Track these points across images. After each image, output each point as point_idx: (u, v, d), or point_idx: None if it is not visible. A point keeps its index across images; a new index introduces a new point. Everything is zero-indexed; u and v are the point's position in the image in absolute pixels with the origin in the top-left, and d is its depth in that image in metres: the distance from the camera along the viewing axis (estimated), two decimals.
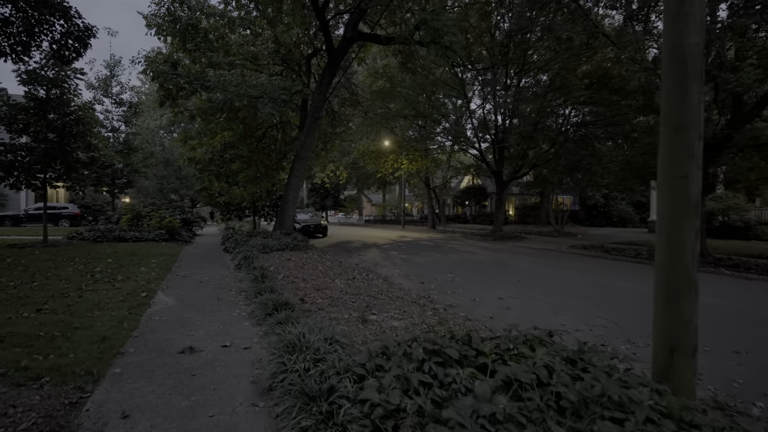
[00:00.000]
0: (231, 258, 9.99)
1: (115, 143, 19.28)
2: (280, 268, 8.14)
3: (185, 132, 14.50)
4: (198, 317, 4.96)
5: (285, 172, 18.28)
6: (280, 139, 16.62)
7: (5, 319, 4.42)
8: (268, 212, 21.57)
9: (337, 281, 6.85)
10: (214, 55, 12.44)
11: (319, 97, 13.67)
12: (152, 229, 13.82)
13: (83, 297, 5.50)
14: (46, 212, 11.66)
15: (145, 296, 5.76)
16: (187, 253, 11.24)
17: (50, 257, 8.79)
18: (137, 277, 7.07)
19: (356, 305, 5.41)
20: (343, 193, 55.24)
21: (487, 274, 9.37)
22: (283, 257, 9.62)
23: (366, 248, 14.91)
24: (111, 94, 19.27)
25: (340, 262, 9.54)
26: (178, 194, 32.03)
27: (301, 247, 11.29)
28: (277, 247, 10.80)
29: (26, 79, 10.70)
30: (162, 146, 29.35)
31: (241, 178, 15.68)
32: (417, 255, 12.79)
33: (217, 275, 7.82)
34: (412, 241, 18.62)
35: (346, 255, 12.38)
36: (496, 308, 6.17)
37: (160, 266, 8.35)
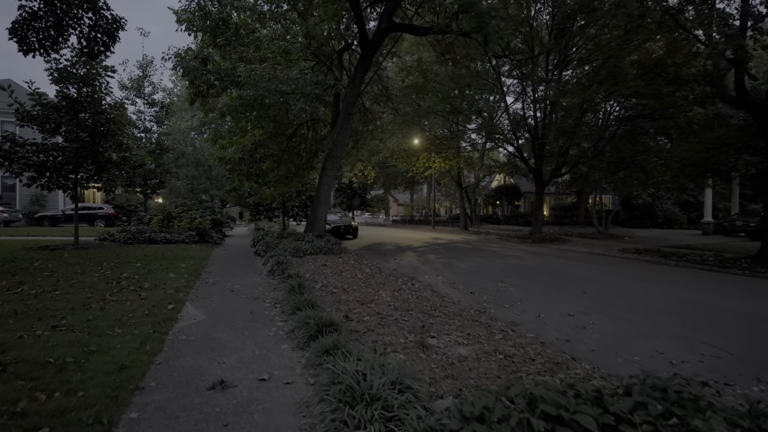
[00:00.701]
0: (263, 262, 9.41)
1: (147, 144, 19.28)
2: (317, 275, 7.46)
3: (215, 131, 14.15)
4: (230, 336, 4.30)
5: (315, 172, 17.75)
6: (311, 137, 16.06)
7: (16, 338, 3.88)
8: (297, 213, 21.14)
9: (382, 292, 6.09)
10: (244, 50, 11.96)
11: (352, 92, 12.98)
12: (182, 230, 13.52)
13: (105, 309, 4.96)
14: (77, 213, 11.47)
15: (172, 309, 5.18)
16: (218, 256, 10.78)
17: (78, 261, 8.44)
18: (165, 284, 6.53)
19: (410, 325, 4.62)
20: (370, 192, 54.70)
21: (542, 282, 8.41)
22: (317, 262, 8.96)
23: (401, 251, 14.13)
24: (143, 95, 19.28)
25: (380, 268, 8.78)
26: (208, 194, 32.27)
27: (336, 251, 10.62)
28: (310, 250, 10.17)
29: (58, 77, 10.51)
30: (193, 147, 29.53)
31: (271, 177, 15.22)
32: (457, 259, 11.90)
33: (249, 282, 7.22)
34: (447, 243, 17.70)
35: (381, 259, 11.64)
36: (569, 328, 5.26)
37: (190, 272, 7.83)
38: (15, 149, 10.07)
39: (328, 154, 13.51)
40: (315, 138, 16.26)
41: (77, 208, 11.43)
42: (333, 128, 13.88)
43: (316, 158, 17.23)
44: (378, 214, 56.72)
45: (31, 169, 10.27)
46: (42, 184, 10.42)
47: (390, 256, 12.44)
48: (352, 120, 13.94)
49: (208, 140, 14.07)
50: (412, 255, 12.96)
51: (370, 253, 13.27)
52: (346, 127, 13.42)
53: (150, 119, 19.76)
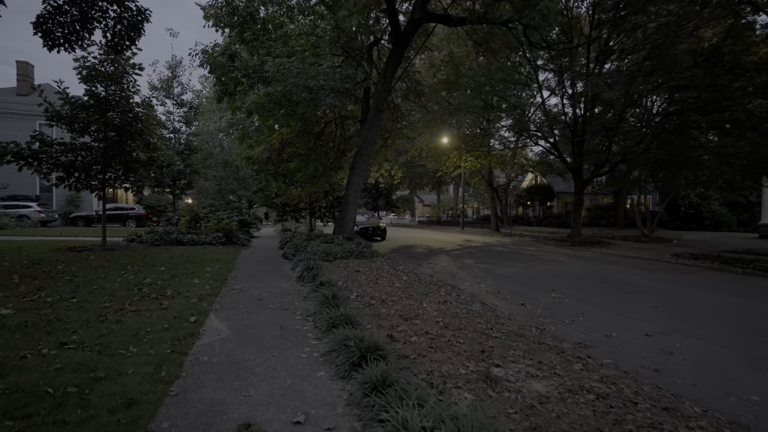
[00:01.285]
0: (291, 266, 8.87)
1: (176, 144, 19.26)
2: (350, 283, 6.83)
3: (243, 130, 13.80)
4: (257, 358, 3.70)
5: (343, 172, 17.22)
6: (339, 135, 15.52)
7: (18, 359, 3.39)
8: (324, 213, 20.69)
9: (426, 305, 5.38)
10: (272, 45, 11.52)
11: (382, 87, 12.34)
12: (209, 231, 13.22)
13: (122, 322, 4.46)
14: (105, 214, 11.29)
15: (194, 321, 4.64)
16: (244, 259, 10.34)
17: (102, 264, 8.12)
18: (188, 291, 6.04)
19: (467, 348, 3.90)
20: (395, 193, 53.97)
21: (599, 293, 7.49)
22: (349, 268, 8.34)
23: (434, 255, 13.37)
24: (172, 95, 19.29)
25: (418, 275, 8.07)
26: (236, 195, 32.41)
27: (367, 255, 9.98)
28: (340, 254, 9.58)
29: (86, 75, 10.32)
30: (221, 147, 29.65)
31: (298, 177, 14.77)
32: (496, 264, 11.05)
33: (277, 289, 6.66)
34: (481, 246, 16.80)
35: (414, 263, 10.93)
36: (652, 352, 4.42)
37: (215, 277, 7.35)
38: (44, 149, 9.93)
39: (358, 152, 12.91)
40: (343, 136, 15.71)
41: (105, 208, 11.25)
42: (362, 125, 13.27)
43: (343, 157, 16.69)
44: (403, 215, 55.95)
45: (60, 169, 10.11)
46: (70, 184, 10.25)
47: (423, 261, 11.71)
48: (382, 117, 13.30)
49: (236, 139, 13.74)
50: (447, 259, 12.18)
51: (401, 256, 12.58)
52: (376, 124, 12.78)
53: (179, 120, 19.75)
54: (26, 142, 9.71)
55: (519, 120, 19.48)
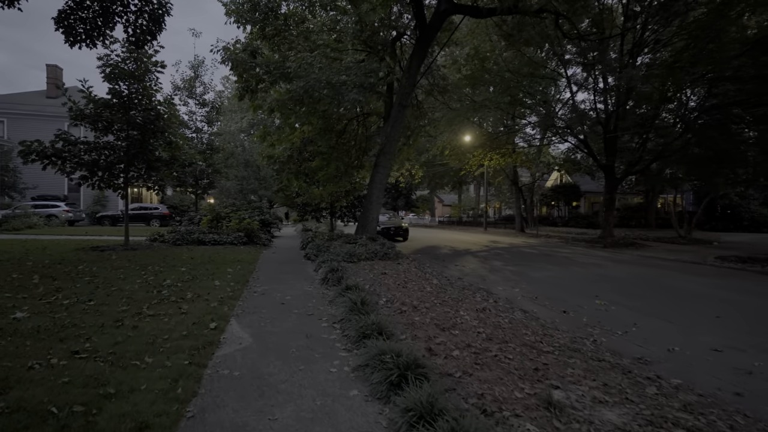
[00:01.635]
0: (314, 268, 8.53)
1: (198, 144, 19.29)
2: (377, 286, 6.43)
3: (264, 128, 13.59)
4: (282, 372, 3.33)
5: (364, 171, 16.86)
6: (361, 133, 15.16)
7: (25, 370, 3.11)
8: (344, 213, 20.39)
9: (463, 313, 4.92)
10: (294, 40, 11.25)
11: (407, 82, 11.90)
12: (231, 231, 13.06)
13: (138, 328, 4.17)
14: (128, 213, 11.22)
15: (214, 328, 4.32)
16: (266, 259, 10.07)
17: (123, 264, 7.96)
18: (209, 294, 5.75)
19: (517, 365, 3.43)
20: (415, 193, 53.35)
21: (647, 300, 6.87)
22: (375, 270, 7.94)
23: (459, 256, 12.85)
24: (195, 95, 19.33)
25: (448, 279, 7.59)
26: (257, 195, 32.52)
27: (392, 256, 9.56)
28: (365, 255, 9.19)
29: (109, 73, 10.26)
30: (242, 147, 29.76)
31: (320, 176, 14.49)
32: (528, 267, 10.46)
33: (301, 292, 6.31)
34: (508, 247, 16.16)
35: (440, 265, 10.45)
36: (726, 371, 3.87)
37: (237, 278, 7.07)
38: (67, 147, 9.90)
39: (381, 149, 12.51)
40: (365, 134, 15.35)
41: (128, 208, 11.18)
42: (386, 122, 12.87)
43: (365, 156, 16.32)
44: (423, 215, 55.33)
45: (83, 168, 10.07)
46: (93, 183, 10.20)
47: (449, 262, 11.21)
48: (406, 113, 12.86)
49: (257, 137, 13.53)
50: (474, 261, 11.65)
51: (426, 257, 12.12)
52: (400, 121, 12.36)
53: (201, 120, 19.80)
54: (50, 141, 9.70)
55: (547, 116, 18.72)
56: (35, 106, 26.67)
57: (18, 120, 25.72)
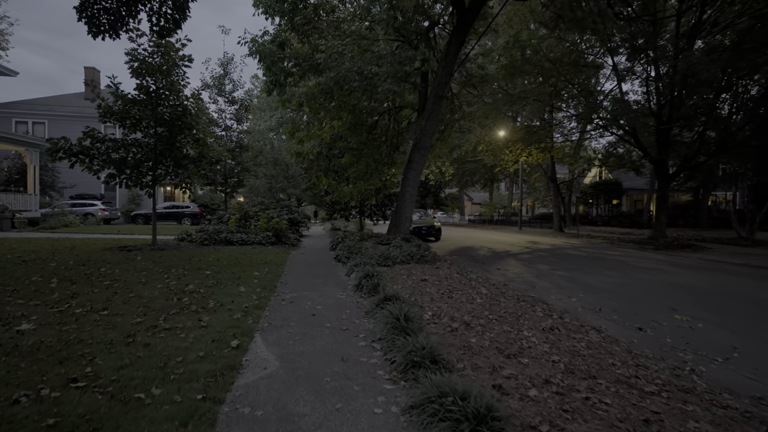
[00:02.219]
0: (346, 272, 7.89)
1: (227, 142, 19.12)
2: (419, 295, 5.69)
3: (293, 122, 13.08)
4: (316, 413, 2.66)
5: (395, 167, 16.14)
6: (392, 128, 14.42)
7: (9, 404, 2.57)
8: (374, 212, 19.74)
9: (527, 332, 4.12)
10: (325, 29, 10.66)
11: (443, 72, 11.08)
12: (259, 230, 12.66)
13: (150, 347, 3.61)
14: (155, 213, 10.97)
15: (236, 347, 3.71)
16: (295, 261, 9.53)
17: (147, 266, 7.57)
18: (233, 303, 5.19)
19: (620, 414, 2.62)
20: (444, 191, 52.14)
21: (739, 316, 5.83)
22: (413, 275, 7.21)
23: (499, 258, 11.92)
24: (224, 93, 19.16)
25: (498, 287, 6.75)
26: (285, 193, 32.45)
27: (429, 259, 8.79)
28: (400, 258, 8.47)
29: (137, 68, 9.98)
30: (271, 145, 29.67)
31: (350, 173, 13.88)
32: (580, 272, 9.44)
33: (332, 301, 5.66)
34: (551, 248, 15.05)
35: (481, 268, 9.60)
36: None
37: (264, 283, 6.50)
38: (95, 145, 9.68)
39: (415, 144, 11.75)
40: (396, 129, 14.61)
41: (155, 207, 10.92)
42: (420, 115, 12.09)
43: (396, 152, 15.59)
44: (452, 213, 54.07)
45: (111, 166, 9.83)
46: (120, 181, 9.95)
47: (490, 265, 10.33)
48: (442, 105, 12.03)
49: (286, 133, 13.06)
50: (518, 264, 10.71)
51: (464, 260, 11.28)
52: (436, 113, 11.55)
53: (230, 117, 19.62)
54: (78, 138, 9.50)
55: (591, 107, 17.40)
56: (74, 108, 27.45)
57: (58, 122, 26.52)
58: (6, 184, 19.98)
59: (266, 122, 33.74)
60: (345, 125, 13.05)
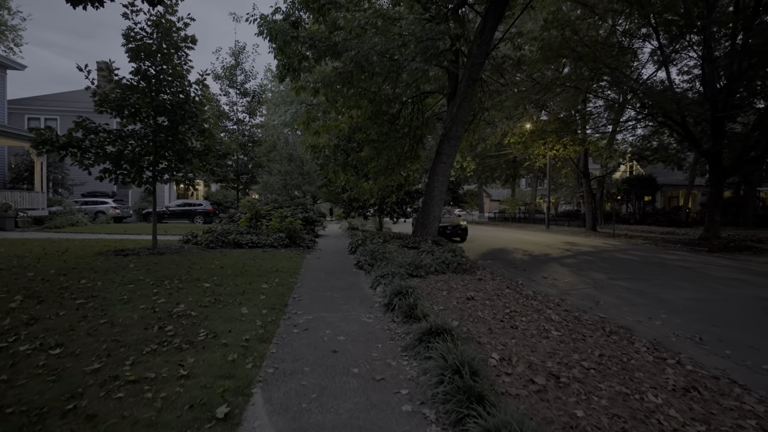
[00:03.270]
0: (370, 283, 6.64)
1: (239, 136, 18.08)
2: (470, 322, 4.39)
3: (308, 112, 11.82)
4: None
5: (418, 162, 14.79)
6: (416, 119, 13.04)
7: None
8: (393, 210, 18.44)
9: (654, 396, 2.77)
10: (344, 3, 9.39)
11: (478, 50, 9.70)
12: (271, 231, 11.52)
13: (96, 419, 2.41)
14: (155, 212, 9.91)
15: (223, 417, 2.49)
16: (310, 267, 8.32)
17: (137, 277, 6.45)
18: (230, 334, 3.99)
19: None
20: (463, 187, 50.33)
21: None
22: (454, 291, 5.91)
23: (540, 263, 10.50)
24: (236, 84, 18.08)
25: (569, 310, 5.35)
26: (300, 190, 31.41)
27: (467, 267, 7.45)
28: (433, 266, 7.15)
29: (134, 50, 8.90)
30: (285, 141, 28.60)
31: (370, 168, 12.60)
32: (645, 282, 7.97)
33: (358, 327, 4.42)
34: (593, 250, 13.50)
35: (525, 277, 8.23)
36: None
37: (272, 301, 5.30)
38: (89, 137, 8.64)
39: (445, 134, 10.40)
40: (421, 120, 13.24)
41: (155, 205, 9.86)
42: (450, 101, 10.72)
43: (419, 145, 14.23)
44: (472, 211, 52.33)
45: (107, 161, 8.78)
46: (116, 176, 8.90)
47: (534, 272, 8.93)
48: (476, 89, 10.63)
49: (300, 124, 11.85)
50: (565, 271, 9.28)
51: (499, 265, 9.91)
52: (469, 99, 10.17)
53: (242, 110, 18.54)
54: (69, 129, 8.47)
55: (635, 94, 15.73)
56: (88, 103, 26.85)
57: (71, 117, 25.84)
58: (14, 182, 19.38)
59: (281, 117, 32.72)
60: (365, 115, 11.76)
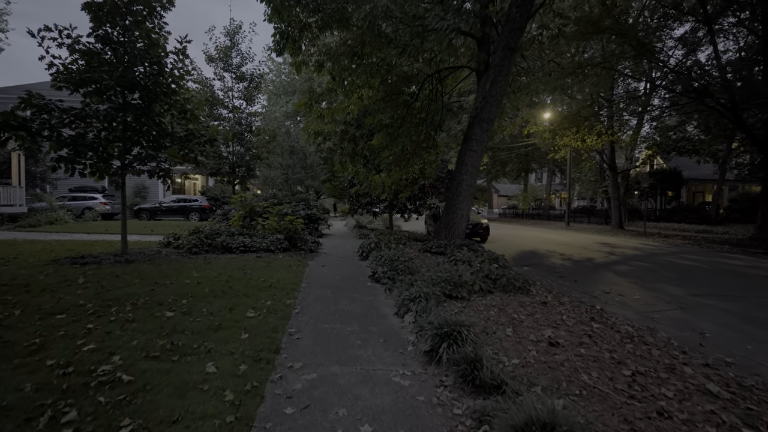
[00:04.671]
0: (395, 307, 4.93)
1: (234, 125, 16.35)
2: (578, 397, 2.67)
3: (310, 92, 9.90)
4: None
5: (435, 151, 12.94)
6: (435, 101, 11.23)
7: None
8: (406, 206, 16.72)
9: None
10: None
11: (518, 12, 7.92)
12: (268, 232, 9.83)
13: None
14: (125, 210, 8.19)
15: None
16: (313, 280, 6.64)
17: (76, 302, 4.77)
18: (178, 421, 2.29)
19: None
20: None
21: None
22: (520, 326, 4.18)
23: (588, 271, 8.75)
24: (231, 67, 16.33)
25: (720, 372, 3.62)
26: (303, 185, 29.70)
27: (519, 284, 5.70)
28: (478, 284, 5.42)
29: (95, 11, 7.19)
30: (287, 132, 26.83)
31: (383, 158, 10.87)
32: (742, 300, 6.23)
33: (391, 401, 2.72)
34: (641, 253, 11.69)
35: (580, 291, 6.51)
36: None
37: (257, 345, 3.60)
38: (40, 117, 6.96)
39: (475, 116, 8.65)
40: (441, 103, 11.46)
41: (125, 202, 8.15)
42: (481, 77, 8.95)
43: (438, 132, 12.47)
44: (481, 207, 50.51)
45: (63, 147, 7.09)
46: (74, 167, 7.21)
47: (588, 284, 7.20)
48: (514, 60, 8.85)
49: (301, 106, 10.01)
50: (624, 283, 7.53)
51: (539, 272, 8.18)
52: (505, 71, 8.39)
53: (238, 96, 16.79)
54: (11, 106, 6.80)
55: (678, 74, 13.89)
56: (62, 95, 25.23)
57: None
58: None
59: (282, 108, 30.96)
60: (377, 95, 9.99)
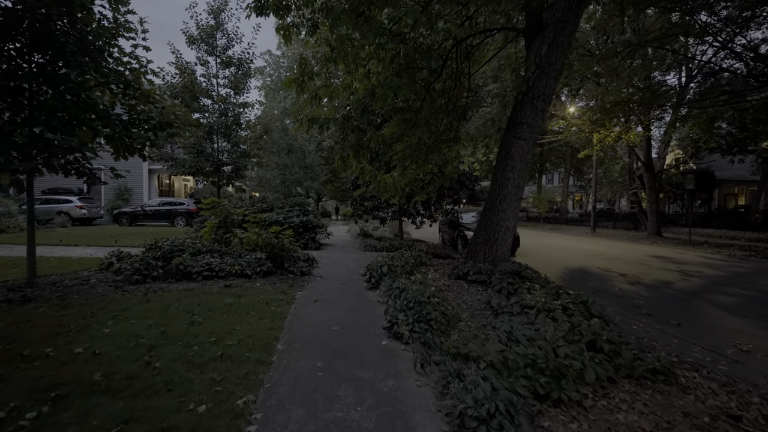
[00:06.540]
0: (435, 403, 2.57)
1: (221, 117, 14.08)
2: None
3: (302, 65, 7.38)
4: None
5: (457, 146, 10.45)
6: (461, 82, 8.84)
7: None
8: (418, 212, 14.39)
9: None
10: None
11: None
12: (246, 248, 7.44)
13: None
14: (32, 212, 5.82)
15: None
16: (297, 331, 4.28)
17: None
18: None
19: None
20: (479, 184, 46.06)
21: None
22: None
23: (673, 301, 6.36)
24: (216, 50, 14.06)
25: None
26: (302, 187, 27.40)
27: (659, 367, 3.26)
28: (591, 367, 3.02)
29: None
30: (283, 129, 24.53)
31: (397, 151, 8.53)
32: None
33: None
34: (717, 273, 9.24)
35: (700, 347, 4.15)
36: None
37: None
38: None
39: (526, 92, 6.31)
40: (467, 85, 9.10)
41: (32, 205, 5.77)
42: (533, 40, 6.59)
43: (461, 123, 10.12)
44: None
45: None
46: None
47: (696, 331, 4.83)
48: (581, 13, 6.49)
49: (289, 84, 7.55)
50: (747, 326, 5.14)
51: (611, 307, 5.82)
52: (569, 30, 6.06)
53: (224, 84, 14.51)
54: None
55: None
56: None
57: None
58: None
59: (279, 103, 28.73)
60: (388, 70, 7.63)
